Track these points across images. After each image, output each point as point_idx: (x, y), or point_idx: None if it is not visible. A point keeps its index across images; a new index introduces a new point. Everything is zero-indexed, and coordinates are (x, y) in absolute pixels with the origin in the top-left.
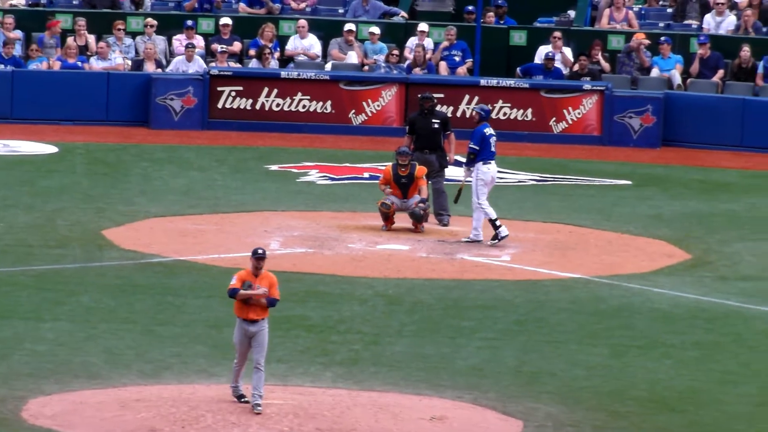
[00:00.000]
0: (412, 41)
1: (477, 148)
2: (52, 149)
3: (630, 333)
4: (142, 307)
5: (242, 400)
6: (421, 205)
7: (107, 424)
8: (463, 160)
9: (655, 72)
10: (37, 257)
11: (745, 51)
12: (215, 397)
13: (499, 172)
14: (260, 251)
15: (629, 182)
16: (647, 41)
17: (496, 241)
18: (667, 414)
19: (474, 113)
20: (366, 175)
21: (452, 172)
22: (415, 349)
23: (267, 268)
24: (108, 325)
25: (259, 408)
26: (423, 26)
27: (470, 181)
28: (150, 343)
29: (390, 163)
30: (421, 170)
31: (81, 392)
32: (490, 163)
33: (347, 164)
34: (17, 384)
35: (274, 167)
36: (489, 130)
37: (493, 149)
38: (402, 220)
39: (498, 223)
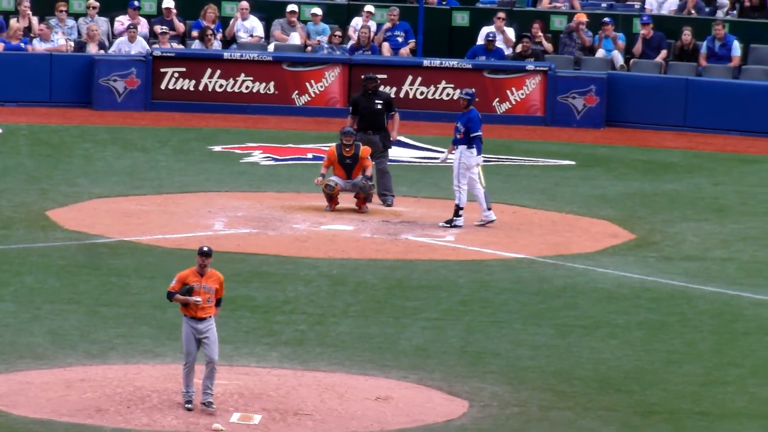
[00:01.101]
0: (356, 21)
1: (480, 132)
2: None
3: (575, 313)
4: (87, 287)
5: (188, 407)
6: (365, 182)
7: (53, 404)
8: (407, 140)
9: (600, 53)
10: None
11: (686, 34)
12: (160, 377)
13: (441, 153)
14: (206, 248)
15: (573, 162)
16: (586, 20)
17: (448, 225)
18: (613, 394)
19: (461, 99)
20: (310, 155)
21: (398, 153)
22: (360, 329)
23: (214, 248)
24: (53, 306)
25: (212, 406)
26: (369, 7)
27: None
28: (95, 323)
29: (334, 144)
30: (365, 150)
31: (26, 372)
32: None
33: (291, 145)
34: None
35: (217, 148)
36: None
37: None
38: (346, 200)
39: (461, 213)
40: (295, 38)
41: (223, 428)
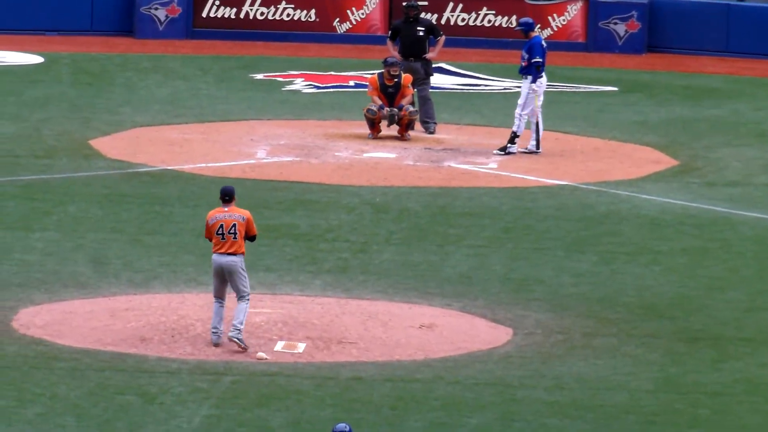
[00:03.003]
0: None
1: (541, 60)
2: (37, 59)
3: (618, 240)
4: (130, 216)
5: (214, 341)
6: (410, 108)
7: (97, 334)
8: (448, 67)
9: None
10: (24, 167)
11: None
12: (204, 306)
13: (484, 79)
14: (227, 196)
15: (615, 89)
16: None
17: (502, 152)
18: (656, 320)
19: (518, 30)
20: (351, 83)
21: (440, 80)
22: (403, 257)
23: (255, 176)
24: (96, 235)
25: (242, 343)
26: None
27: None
28: (138, 252)
29: (375, 72)
30: (407, 78)
31: (71, 302)
32: (542, 76)
33: (332, 72)
34: (7, 294)
35: (259, 76)
36: (544, 42)
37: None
38: (389, 128)
39: (516, 140)
40: None
41: (267, 357)
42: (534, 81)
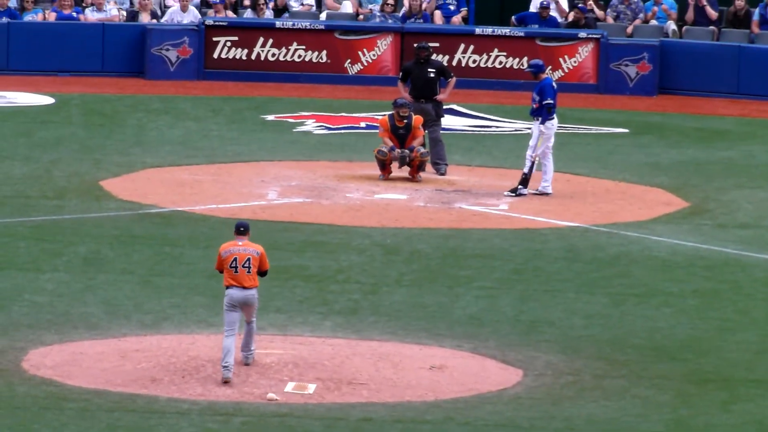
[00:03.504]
0: None
1: (552, 101)
2: (48, 100)
3: (628, 281)
4: (141, 257)
5: (226, 376)
6: (421, 149)
7: (107, 375)
8: (459, 109)
9: (653, 21)
10: (35, 208)
11: (739, 1)
12: (215, 347)
13: (495, 121)
14: (242, 227)
15: (626, 130)
16: None
17: (513, 194)
18: (668, 362)
19: (528, 71)
20: (362, 124)
21: (451, 122)
22: (414, 298)
23: (265, 217)
24: (106, 276)
25: (251, 360)
26: None
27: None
28: (148, 293)
29: (386, 114)
30: (417, 120)
31: (81, 343)
32: (553, 117)
33: (343, 114)
34: (17, 335)
35: (270, 117)
36: (554, 84)
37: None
38: (399, 169)
39: (527, 182)
40: (347, 6)
41: (278, 397)
42: (543, 123)
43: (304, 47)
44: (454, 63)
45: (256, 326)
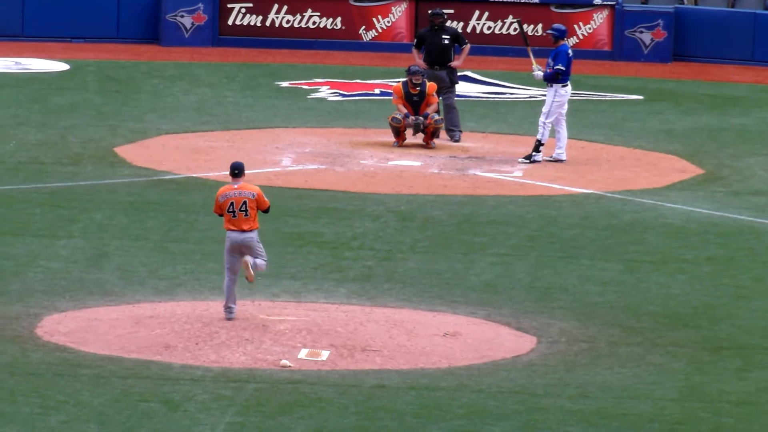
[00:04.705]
0: None
1: (564, 68)
2: (63, 66)
3: (643, 248)
4: (155, 224)
5: (229, 317)
6: (435, 116)
7: (121, 341)
8: (474, 75)
9: None
10: (50, 174)
11: None
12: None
13: (509, 88)
14: (236, 170)
15: (640, 97)
16: None
17: (527, 161)
18: (682, 329)
19: (548, 34)
20: (377, 91)
21: (465, 89)
22: (428, 265)
23: (280, 184)
24: (121, 242)
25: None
26: None
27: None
28: (163, 260)
29: (400, 80)
30: (431, 87)
31: (95, 309)
32: (567, 84)
33: (358, 80)
34: (32, 301)
35: (284, 84)
36: (570, 51)
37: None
38: (414, 136)
39: (541, 148)
40: None
41: (291, 364)
42: (551, 85)
43: (318, 14)
44: (469, 30)
45: (269, 288)
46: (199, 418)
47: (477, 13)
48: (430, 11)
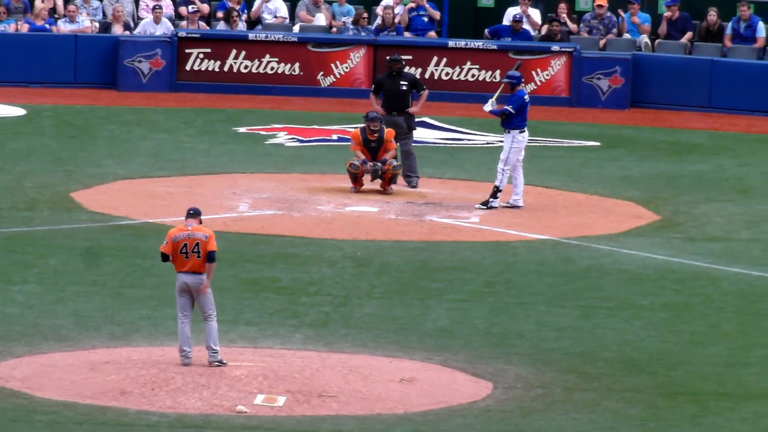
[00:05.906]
0: (385, 1)
1: (513, 111)
2: (20, 111)
3: (599, 294)
4: (111, 269)
5: (185, 362)
6: (393, 162)
7: (77, 387)
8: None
9: (626, 35)
10: (5, 219)
11: (712, 15)
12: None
13: (466, 134)
14: (192, 211)
15: (598, 143)
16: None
17: (484, 207)
18: (638, 375)
19: (504, 83)
20: (335, 137)
21: (423, 135)
22: (385, 310)
23: (237, 229)
24: (77, 288)
25: (223, 363)
26: None
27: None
28: (119, 305)
29: (358, 126)
30: (389, 133)
31: (51, 355)
32: (524, 130)
33: (315, 126)
34: None
35: (242, 129)
36: (527, 97)
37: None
38: (371, 182)
39: (498, 194)
40: (320, 19)
41: (247, 410)
42: (509, 131)
43: (276, 59)
44: (427, 76)
45: (226, 334)
46: None
47: (435, 59)
48: (388, 57)
